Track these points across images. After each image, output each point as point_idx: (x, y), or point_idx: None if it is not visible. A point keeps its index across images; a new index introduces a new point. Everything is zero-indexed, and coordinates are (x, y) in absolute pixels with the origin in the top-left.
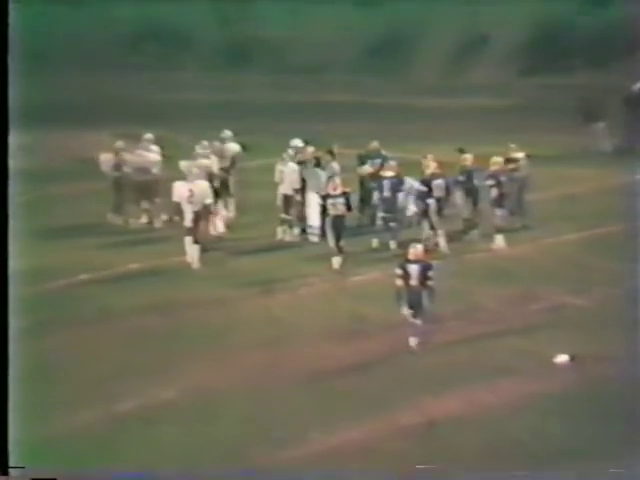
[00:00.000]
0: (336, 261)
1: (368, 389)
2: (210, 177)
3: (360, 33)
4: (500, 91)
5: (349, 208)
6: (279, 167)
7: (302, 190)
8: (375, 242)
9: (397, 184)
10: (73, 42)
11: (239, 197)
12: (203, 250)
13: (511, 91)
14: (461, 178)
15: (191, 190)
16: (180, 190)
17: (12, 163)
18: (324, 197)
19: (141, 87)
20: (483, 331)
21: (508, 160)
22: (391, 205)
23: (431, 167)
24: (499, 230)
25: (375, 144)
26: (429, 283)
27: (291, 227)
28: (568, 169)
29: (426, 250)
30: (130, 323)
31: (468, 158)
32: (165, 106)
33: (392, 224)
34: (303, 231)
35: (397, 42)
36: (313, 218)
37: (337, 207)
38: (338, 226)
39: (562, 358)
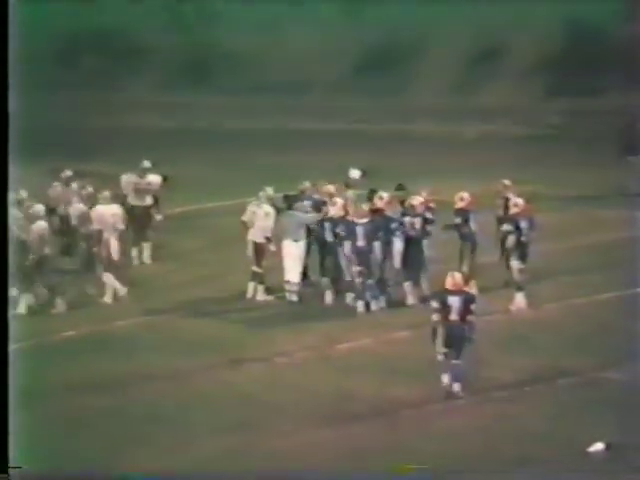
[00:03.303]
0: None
1: None
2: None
3: (346, 46)
4: (517, 117)
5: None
6: (251, 208)
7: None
8: (360, 305)
9: (373, 230)
10: None
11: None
12: (151, 313)
13: (531, 117)
14: (457, 220)
15: (115, 215)
16: (103, 215)
17: None
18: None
19: (75, 110)
20: (500, 412)
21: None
22: (366, 256)
23: (418, 207)
24: (518, 287)
25: (307, 184)
26: (470, 318)
27: (262, 282)
28: (600, 212)
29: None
30: (63, 403)
31: (464, 197)
32: (104, 133)
33: (369, 281)
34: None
35: (391, 56)
36: (291, 272)
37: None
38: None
39: (596, 447)
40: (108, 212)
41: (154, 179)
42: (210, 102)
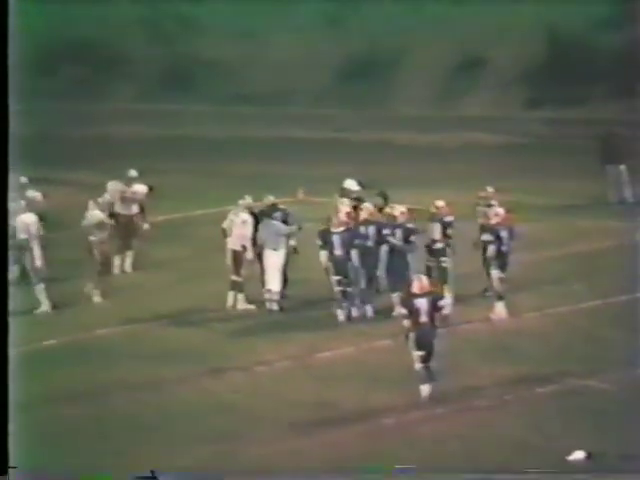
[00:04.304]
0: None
1: None
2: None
3: (330, 55)
4: (499, 126)
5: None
6: (231, 216)
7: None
8: (340, 314)
9: (349, 239)
10: None
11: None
12: (132, 321)
13: (513, 126)
14: (488, 237)
15: (34, 223)
16: (27, 224)
17: None
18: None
19: (57, 119)
20: (479, 420)
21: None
22: (343, 265)
23: (399, 216)
24: (499, 296)
25: (271, 198)
26: (443, 314)
27: (242, 291)
28: (581, 222)
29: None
30: (42, 413)
31: (440, 206)
32: (87, 142)
33: (349, 289)
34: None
35: (374, 66)
36: (272, 281)
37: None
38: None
39: (577, 455)
40: (29, 220)
41: (140, 188)
42: (194, 111)
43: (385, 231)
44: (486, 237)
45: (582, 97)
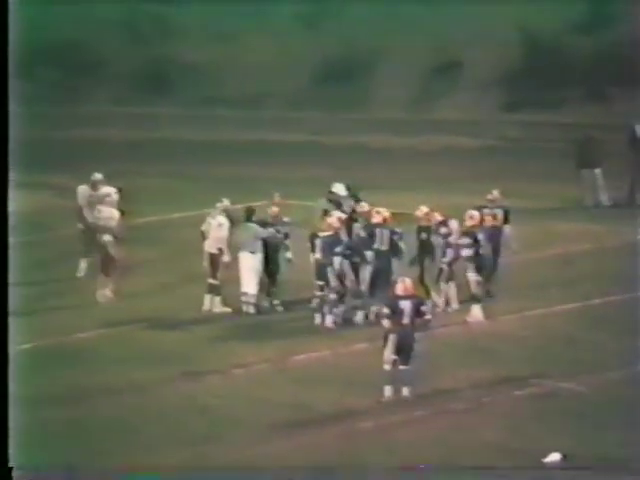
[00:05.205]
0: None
1: None
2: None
3: (306, 58)
4: (476, 129)
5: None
6: (208, 219)
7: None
8: (317, 318)
9: (331, 244)
10: None
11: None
12: (110, 325)
13: (489, 129)
14: (424, 235)
15: None
16: None
17: None
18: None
19: (33, 122)
20: (455, 423)
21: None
22: (323, 270)
23: (375, 217)
24: (475, 299)
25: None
26: (425, 318)
27: (219, 294)
28: (558, 225)
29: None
30: (24, 415)
31: (423, 211)
32: (62, 145)
33: (331, 296)
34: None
35: (350, 68)
36: (248, 284)
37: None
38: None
39: (553, 457)
40: None
41: (107, 191)
42: (170, 114)
43: (395, 236)
44: (464, 241)
45: (558, 100)
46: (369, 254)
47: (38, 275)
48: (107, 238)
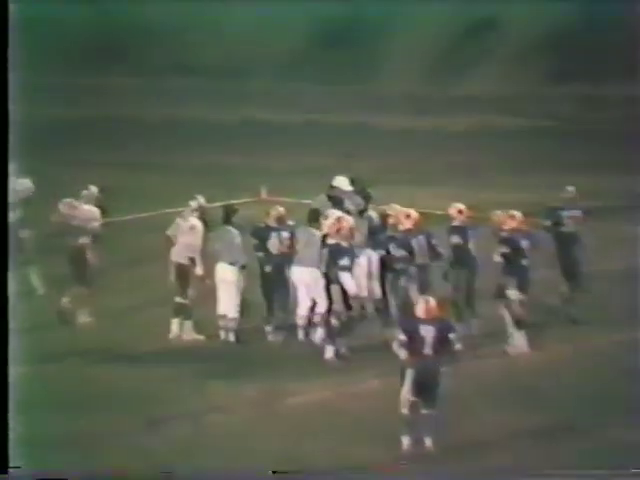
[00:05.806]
0: None
1: None
2: None
3: (298, 19)
4: (517, 106)
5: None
6: (177, 220)
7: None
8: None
9: (338, 254)
10: None
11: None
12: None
13: (532, 106)
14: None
15: None
16: None
17: None
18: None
19: None
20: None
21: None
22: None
23: (405, 223)
24: (518, 323)
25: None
26: (453, 349)
27: (190, 317)
28: (623, 226)
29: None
30: None
31: (459, 208)
32: None
33: (334, 321)
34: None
35: (354, 34)
36: (226, 304)
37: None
38: None
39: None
40: None
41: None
42: (126, 85)
43: (434, 241)
44: (502, 249)
45: (622, 70)
46: (412, 270)
47: None
48: (84, 240)
